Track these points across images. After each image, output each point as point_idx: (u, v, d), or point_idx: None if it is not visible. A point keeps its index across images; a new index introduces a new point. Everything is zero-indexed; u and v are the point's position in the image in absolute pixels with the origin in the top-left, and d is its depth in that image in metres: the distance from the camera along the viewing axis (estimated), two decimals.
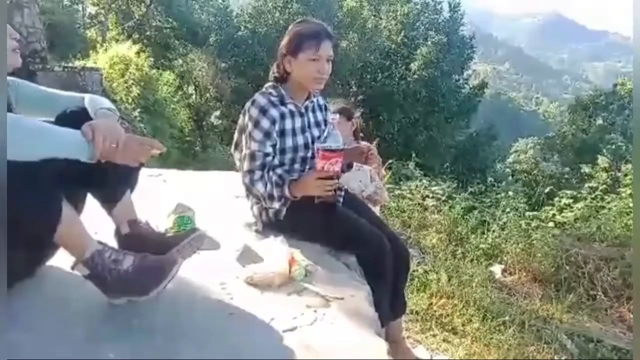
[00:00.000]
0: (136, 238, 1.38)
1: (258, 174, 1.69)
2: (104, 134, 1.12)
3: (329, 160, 1.60)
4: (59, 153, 1.08)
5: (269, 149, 1.70)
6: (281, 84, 1.78)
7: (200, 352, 1.08)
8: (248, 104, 1.74)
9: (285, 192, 1.67)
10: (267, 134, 1.69)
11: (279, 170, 1.72)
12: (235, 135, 1.83)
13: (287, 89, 1.77)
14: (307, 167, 1.78)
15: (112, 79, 10.31)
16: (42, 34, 7.92)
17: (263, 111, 1.69)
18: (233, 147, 1.86)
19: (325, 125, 1.86)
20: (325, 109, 1.93)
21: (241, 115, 1.78)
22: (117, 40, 13.31)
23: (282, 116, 1.73)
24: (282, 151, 1.75)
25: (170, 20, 15.76)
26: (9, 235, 0.99)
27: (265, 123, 1.69)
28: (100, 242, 1.21)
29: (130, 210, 1.43)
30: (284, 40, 1.74)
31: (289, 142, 1.74)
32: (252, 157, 1.69)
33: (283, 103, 1.75)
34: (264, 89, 1.79)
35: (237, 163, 1.83)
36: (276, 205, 1.71)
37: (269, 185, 1.68)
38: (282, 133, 1.73)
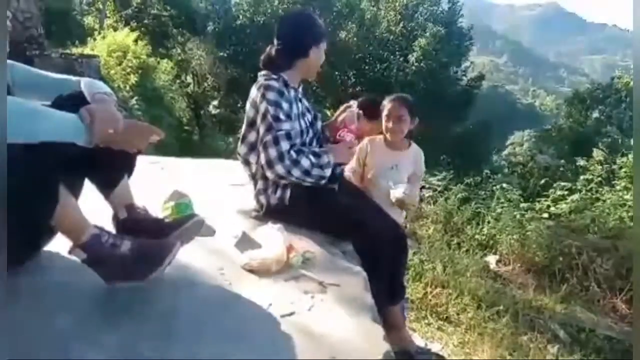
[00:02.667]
0: (134, 223, 1.38)
1: (294, 152, 1.66)
2: (103, 118, 1.11)
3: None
4: (55, 136, 1.06)
5: (294, 129, 1.70)
6: (281, 70, 1.77)
7: (198, 336, 1.09)
8: (257, 93, 1.72)
9: (331, 157, 1.71)
10: (288, 115, 1.70)
11: (304, 148, 1.73)
12: (243, 129, 1.80)
13: (287, 75, 1.78)
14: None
15: (110, 67, 10.21)
16: (39, 20, 7.80)
17: (281, 93, 1.70)
18: (240, 141, 1.82)
19: (311, 113, 1.90)
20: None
21: (250, 108, 1.76)
22: (115, 28, 13.15)
23: (290, 102, 1.74)
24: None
25: (169, 8, 15.57)
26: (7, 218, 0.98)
27: (285, 105, 1.70)
28: (97, 227, 1.20)
29: (127, 195, 1.42)
30: (308, 26, 1.79)
31: (297, 125, 1.76)
32: (276, 140, 1.65)
33: (287, 88, 1.76)
34: (267, 76, 1.77)
35: (243, 158, 1.82)
36: (327, 172, 1.71)
37: (313, 158, 1.68)
38: (296, 117, 1.76)
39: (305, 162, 1.66)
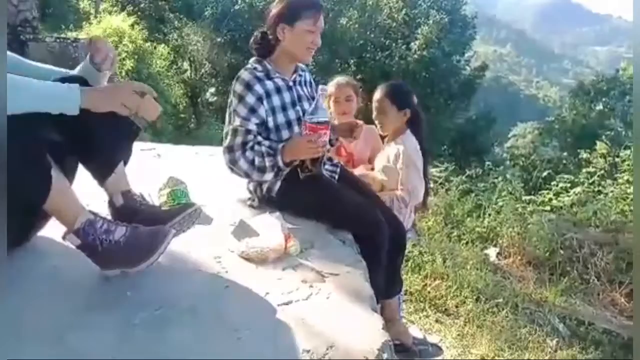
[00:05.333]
0: (130, 210, 1.35)
1: (238, 152, 1.63)
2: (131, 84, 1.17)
3: (316, 132, 1.59)
4: (41, 105, 1.06)
5: (253, 126, 1.64)
6: (265, 57, 1.71)
7: (195, 324, 1.07)
8: (234, 81, 1.69)
9: (278, 161, 1.62)
10: (252, 110, 1.64)
11: (266, 142, 1.66)
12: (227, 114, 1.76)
13: (273, 62, 1.71)
14: None
15: None
16: (34, 3, 7.67)
17: (248, 87, 1.64)
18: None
19: (309, 101, 1.81)
20: (313, 84, 1.88)
21: (231, 93, 1.71)
22: (110, 12, 12.96)
23: (269, 93, 1.67)
24: (277, 128, 1.69)
25: None
26: None
27: (250, 99, 1.63)
28: (92, 212, 1.18)
29: (124, 181, 1.39)
30: (278, 8, 1.66)
31: (280, 118, 1.69)
32: (234, 133, 1.64)
33: (269, 77, 1.69)
34: (248, 65, 1.72)
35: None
36: (269, 176, 1.65)
37: (257, 159, 1.62)
38: (272, 111, 1.68)
39: (242, 165, 1.63)
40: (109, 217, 1.30)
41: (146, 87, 1.21)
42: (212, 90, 16.37)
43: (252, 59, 1.74)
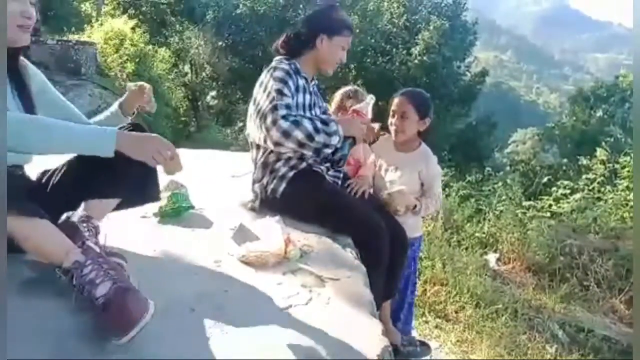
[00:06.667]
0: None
1: (289, 123, 1.57)
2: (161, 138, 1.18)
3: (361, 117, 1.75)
4: (76, 147, 1.12)
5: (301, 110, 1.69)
6: (293, 57, 1.75)
7: (194, 327, 1.07)
8: (266, 73, 1.71)
9: (339, 130, 1.66)
10: (292, 94, 1.68)
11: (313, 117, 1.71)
12: (251, 108, 1.74)
13: (300, 63, 1.76)
14: None
15: (107, 54, 10.12)
16: (36, 5, 7.71)
17: (288, 74, 1.69)
18: (252, 121, 1.74)
19: (321, 109, 1.88)
20: (319, 95, 1.93)
21: (257, 87, 1.72)
22: (112, 15, 13.00)
23: (298, 88, 1.72)
24: None
25: None
26: None
27: (290, 83, 1.67)
28: (85, 250, 1.07)
29: (106, 211, 1.30)
30: (322, 19, 1.76)
31: (302, 114, 1.72)
32: (287, 107, 1.60)
33: (298, 74, 1.74)
34: (279, 60, 1.75)
35: (254, 137, 1.75)
36: (334, 140, 1.65)
37: (319, 124, 1.63)
38: (297, 106, 1.72)
39: (308, 125, 1.60)
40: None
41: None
42: (213, 93, 16.40)
43: (278, 57, 1.77)
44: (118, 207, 1.32)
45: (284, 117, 1.58)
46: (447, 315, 3.04)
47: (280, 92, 1.62)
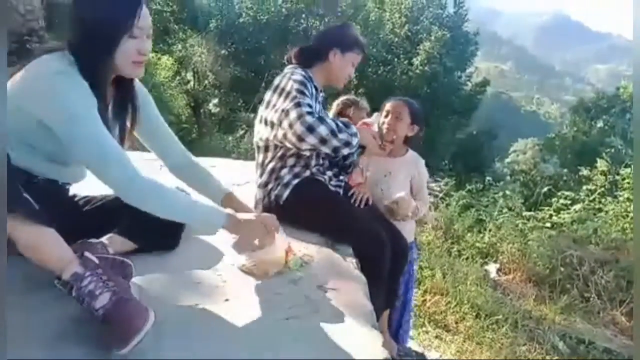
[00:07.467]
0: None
1: (314, 120, 1.59)
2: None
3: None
4: (190, 217, 1.27)
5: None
6: (304, 67, 1.79)
7: (192, 337, 1.07)
8: (281, 78, 1.75)
9: (358, 135, 1.70)
10: (310, 96, 1.71)
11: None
12: (260, 110, 1.79)
13: (311, 73, 1.79)
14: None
15: None
16: (41, 13, 7.80)
17: (307, 78, 1.73)
18: (263, 123, 1.77)
19: None
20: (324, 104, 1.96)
21: (270, 92, 1.76)
22: None
23: (311, 95, 1.74)
24: None
25: (171, 3, 15.52)
26: None
27: (309, 86, 1.71)
28: (85, 262, 1.06)
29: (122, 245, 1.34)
30: (337, 34, 1.84)
31: None
32: (309, 105, 1.63)
33: (311, 82, 1.77)
34: (292, 68, 1.79)
35: (256, 141, 1.81)
36: (355, 140, 1.68)
37: (340, 124, 1.66)
38: None
39: (331, 122, 1.64)
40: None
41: (275, 224, 1.36)
42: (215, 101, 16.46)
43: (292, 65, 1.82)
44: (136, 250, 1.35)
45: (309, 113, 1.60)
46: (447, 325, 3.02)
47: (301, 92, 1.66)
